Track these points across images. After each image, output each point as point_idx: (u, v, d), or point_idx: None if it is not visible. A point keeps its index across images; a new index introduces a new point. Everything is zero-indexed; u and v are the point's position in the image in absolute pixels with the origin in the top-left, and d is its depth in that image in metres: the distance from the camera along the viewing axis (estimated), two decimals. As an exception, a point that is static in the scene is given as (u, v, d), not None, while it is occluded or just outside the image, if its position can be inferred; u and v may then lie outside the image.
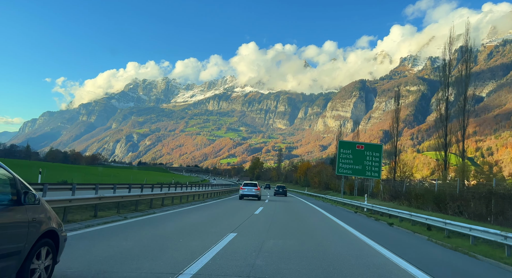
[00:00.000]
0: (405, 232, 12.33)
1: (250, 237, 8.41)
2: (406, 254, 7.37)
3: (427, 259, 7.39)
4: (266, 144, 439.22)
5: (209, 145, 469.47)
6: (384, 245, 8.31)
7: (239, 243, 7.52)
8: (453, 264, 7.22)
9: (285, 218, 14.71)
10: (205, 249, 6.52)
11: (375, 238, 9.62)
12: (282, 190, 39.26)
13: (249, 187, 27.52)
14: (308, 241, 8.58)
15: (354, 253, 7.13)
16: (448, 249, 8.94)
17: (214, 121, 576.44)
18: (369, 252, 7.35)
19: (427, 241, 10.36)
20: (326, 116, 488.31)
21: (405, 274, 5.55)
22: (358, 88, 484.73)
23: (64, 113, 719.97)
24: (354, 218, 16.64)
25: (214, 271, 4.91)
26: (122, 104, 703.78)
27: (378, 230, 12.26)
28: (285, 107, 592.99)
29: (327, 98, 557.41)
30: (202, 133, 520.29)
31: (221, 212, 16.07)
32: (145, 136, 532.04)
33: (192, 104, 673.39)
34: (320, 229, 11.56)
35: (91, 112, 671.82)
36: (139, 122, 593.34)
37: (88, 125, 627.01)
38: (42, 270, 3.86)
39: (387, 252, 7.39)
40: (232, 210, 17.10)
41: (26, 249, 3.65)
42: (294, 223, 13.01)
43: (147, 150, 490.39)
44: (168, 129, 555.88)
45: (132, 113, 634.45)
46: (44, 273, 3.90)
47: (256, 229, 10.12)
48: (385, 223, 14.99)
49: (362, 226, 13.00)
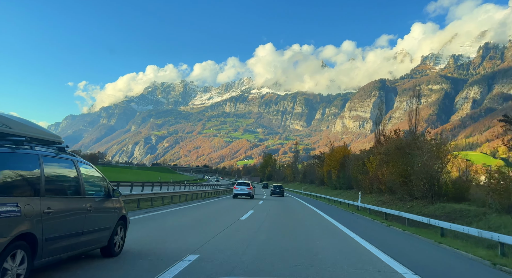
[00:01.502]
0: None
1: (216, 263, 5.60)
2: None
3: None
4: (283, 146, 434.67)
5: (226, 146, 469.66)
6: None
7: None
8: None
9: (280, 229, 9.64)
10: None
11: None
12: (279, 190, 39.41)
13: (242, 187, 29.10)
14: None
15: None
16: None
17: (231, 123, 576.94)
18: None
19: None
20: (344, 117, 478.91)
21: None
22: (377, 88, 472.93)
23: (85, 117, 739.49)
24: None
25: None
26: (141, 107, 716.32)
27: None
28: (302, 108, 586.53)
29: (345, 99, 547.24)
30: (219, 135, 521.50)
31: (196, 218, 13.00)
32: (163, 138, 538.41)
33: (210, 106, 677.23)
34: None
35: (111, 115, 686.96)
36: (157, 124, 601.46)
37: (108, 128, 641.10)
38: (119, 239, 6.05)
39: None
40: (213, 215, 13.79)
41: (113, 226, 5.81)
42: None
43: (165, 152, 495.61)
44: (186, 131, 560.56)
45: (151, 115, 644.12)
46: (120, 242, 6.12)
47: (230, 249, 6.86)
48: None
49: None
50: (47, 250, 4.22)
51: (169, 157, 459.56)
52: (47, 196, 4.33)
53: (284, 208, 21.14)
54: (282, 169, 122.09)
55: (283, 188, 40.85)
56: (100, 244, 5.56)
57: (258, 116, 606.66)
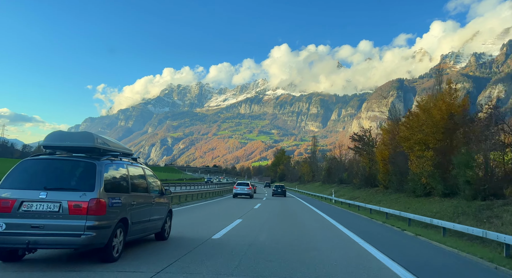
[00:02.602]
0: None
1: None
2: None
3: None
4: (298, 147, 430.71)
5: (241, 148, 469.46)
6: None
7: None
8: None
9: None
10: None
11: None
12: (281, 190, 38.53)
13: (241, 187, 30.55)
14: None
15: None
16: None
17: (246, 124, 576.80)
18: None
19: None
20: (361, 117, 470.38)
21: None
22: (395, 88, 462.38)
23: (104, 119, 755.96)
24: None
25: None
26: (158, 109, 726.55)
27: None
28: (318, 109, 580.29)
29: (362, 99, 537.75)
30: (234, 136, 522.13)
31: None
32: (179, 139, 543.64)
33: (225, 108, 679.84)
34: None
35: (129, 117, 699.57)
36: (173, 126, 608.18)
37: (126, 130, 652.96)
38: (167, 227, 8.09)
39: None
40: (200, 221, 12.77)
41: (164, 216, 7.79)
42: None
43: (181, 154, 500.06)
44: (201, 132, 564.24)
45: (167, 117, 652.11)
46: (168, 229, 8.18)
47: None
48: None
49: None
50: (132, 230, 6.17)
51: (184, 158, 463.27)
52: (132, 193, 6.28)
53: (288, 217, 15.64)
54: (298, 167, 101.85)
55: (284, 188, 40.56)
56: (156, 230, 7.54)
57: (273, 118, 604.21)
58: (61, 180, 5.41)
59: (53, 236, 4.98)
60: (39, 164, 5.56)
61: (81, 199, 5.14)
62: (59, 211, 5.07)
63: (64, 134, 6.00)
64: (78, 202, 5.11)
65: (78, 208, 5.09)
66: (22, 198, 5.09)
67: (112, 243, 5.48)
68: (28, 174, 5.42)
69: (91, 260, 5.56)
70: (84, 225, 5.05)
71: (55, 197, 5.11)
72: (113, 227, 5.46)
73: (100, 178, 5.40)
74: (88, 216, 5.10)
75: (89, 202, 5.13)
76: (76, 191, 5.21)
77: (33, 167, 5.51)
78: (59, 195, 5.13)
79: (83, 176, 5.44)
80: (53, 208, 5.07)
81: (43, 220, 5.03)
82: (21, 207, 5.06)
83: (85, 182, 5.35)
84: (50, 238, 4.98)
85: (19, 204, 5.06)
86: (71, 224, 5.04)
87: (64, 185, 5.33)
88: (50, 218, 5.04)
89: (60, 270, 5.01)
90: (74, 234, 5.01)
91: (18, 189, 5.18)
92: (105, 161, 5.79)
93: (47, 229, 4.99)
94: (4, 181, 5.28)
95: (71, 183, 5.39)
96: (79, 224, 5.04)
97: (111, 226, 5.41)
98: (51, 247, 5.18)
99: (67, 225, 5.03)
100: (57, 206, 5.08)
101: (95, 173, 5.40)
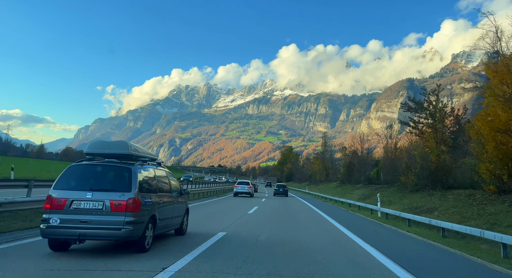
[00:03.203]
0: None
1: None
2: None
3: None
4: (307, 148, 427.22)
5: (249, 148, 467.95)
6: None
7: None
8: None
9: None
10: None
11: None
12: (283, 190, 37.60)
13: (242, 185, 31.79)
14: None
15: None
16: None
17: (254, 125, 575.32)
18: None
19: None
20: (370, 118, 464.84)
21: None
22: (405, 87, 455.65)
23: (113, 120, 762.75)
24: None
25: None
26: (166, 110, 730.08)
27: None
28: (326, 109, 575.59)
29: (371, 99, 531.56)
30: (241, 137, 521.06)
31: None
32: (187, 140, 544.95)
33: (233, 109, 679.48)
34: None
35: (138, 118, 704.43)
36: (181, 127, 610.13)
37: (134, 131, 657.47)
38: (185, 223, 9.02)
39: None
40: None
41: (183, 214, 8.76)
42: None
43: (189, 154, 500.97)
44: (209, 133, 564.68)
45: (175, 118, 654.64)
46: (186, 225, 9.10)
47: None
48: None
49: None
50: (159, 226, 7.15)
51: (192, 159, 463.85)
52: (159, 193, 7.27)
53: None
54: (308, 165, 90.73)
55: (286, 188, 39.37)
56: (176, 226, 8.53)
57: (281, 118, 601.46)
58: (103, 182, 6.44)
59: (98, 229, 6.01)
60: (84, 168, 6.59)
61: (121, 198, 6.14)
62: (102, 208, 6.08)
63: (103, 143, 7.07)
64: (118, 201, 6.12)
65: (118, 206, 6.10)
66: (72, 198, 6.12)
67: (145, 236, 6.48)
68: (75, 177, 6.43)
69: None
70: (123, 220, 6.06)
71: (99, 197, 6.13)
72: (146, 222, 6.47)
73: (135, 180, 6.38)
74: (127, 213, 6.10)
75: (127, 201, 6.12)
76: (116, 191, 6.20)
77: (79, 171, 6.54)
78: (102, 195, 6.15)
79: (121, 179, 6.43)
80: (97, 206, 6.09)
81: (90, 216, 6.05)
82: (71, 205, 6.10)
83: (123, 184, 6.33)
84: (96, 231, 6.01)
85: (70, 203, 6.10)
86: (113, 219, 6.05)
87: (106, 186, 6.34)
88: (95, 214, 6.06)
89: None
90: (115, 228, 6.03)
91: (68, 190, 6.20)
92: (138, 166, 6.77)
93: (93, 223, 6.01)
94: (56, 183, 6.31)
95: (111, 185, 6.39)
96: (119, 220, 6.05)
97: (144, 221, 6.41)
98: (96, 238, 6.19)
99: (109, 220, 6.04)
100: (101, 204, 6.10)
101: (131, 176, 6.40)
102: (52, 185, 6.32)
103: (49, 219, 6.03)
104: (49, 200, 6.15)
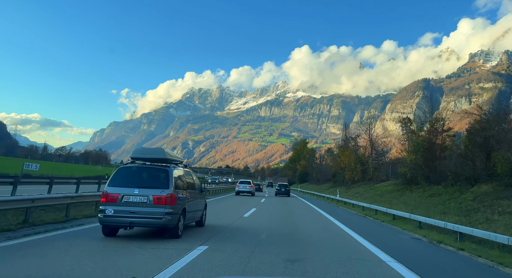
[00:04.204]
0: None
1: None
2: None
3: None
4: (320, 150, 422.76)
5: (261, 151, 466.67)
6: None
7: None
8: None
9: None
10: None
11: None
12: (285, 189, 36.46)
13: (243, 185, 33.45)
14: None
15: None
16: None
17: (266, 127, 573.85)
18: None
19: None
20: (385, 119, 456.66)
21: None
22: (421, 88, 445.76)
23: (128, 123, 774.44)
24: None
25: None
26: (179, 113, 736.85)
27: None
28: (339, 111, 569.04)
29: (386, 100, 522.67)
30: (254, 139, 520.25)
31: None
32: (199, 142, 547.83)
33: (245, 111, 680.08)
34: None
35: (152, 121, 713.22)
36: (194, 129, 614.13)
37: (148, 134, 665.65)
38: (204, 216, 10.47)
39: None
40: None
41: (203, 208, 10.31)
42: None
43: (202, 157, 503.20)
44: (222, 135, 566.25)
45: (188, 121, 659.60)
46: (205, 218, 10.57)
47: None
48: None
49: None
50: (187, 217, 8.67)
51: (205, 161, 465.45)
52: (187, 190, 8.81)
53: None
54: (330, 160, 68.97)
55: (288, 187, 37.65)
56: (197, 219, 10.03)
57: (293, 120, 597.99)
58: (147, 181, 7.98)
59: (144, 218, 7.49)
60: (131, 170, 8.17)
61: (161, 194, 7.57)
62: (147, 202, 7.53)
63: (145, 149, 8.86)
64: (159, 196, 7.54)
65: (159, 200, 7.52)
66: (123, 193, 7.57)
67: (178, 224, 7.96)
68: (125, 177, 7.93)
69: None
70: (163, 211, 7.50)
71: (144, 192, 7.57)
72: (179, 213, 7.97)
73: (172, 179, 7.84)
74: (166, 206, 7.53)
75: (166, 196, 7.56)
76: (157, 188, 7.65)
77: (127, 172, 8.09)
78: (147, 191, 7.59)
79: (161, 178, 7.92)
80: (143, 200, 7.54)
81: (137, 208, 7.50)
82: (122, 199, 7.55)
83: (163, 182, 7.79)
84: (142, 220, 7.50)
85: (121, 197, 7.55)
86: (155, 210, 7.50)
87: (149, 184, 7.83)
88: (141, 206, 7.50)
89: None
90: (157, 217, 7.49)
91: (120, 187, 7.66)
92: (172, 168, 8.24)
93: (140, 214, 7.47)
94: (110, 182, 7.79)
95: (153, 183, 7.85)
96: (160, 211, 7.50)
97: (178, 213, 7.90)
98: (142, 225, 7.77)
99: (152, 212, 7.50)
100: (145, 198, 7.54)
101: (169, 176, 7.88)
102: (106, 183, 7.84)
103: (105, 210, 7.51)
104: (105, 195, 7.63)
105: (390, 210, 17.64)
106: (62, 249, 6.47)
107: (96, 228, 8.66)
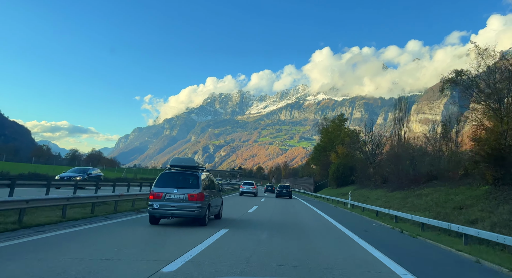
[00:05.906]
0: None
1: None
2: None
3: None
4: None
5: (282, 154, 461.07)
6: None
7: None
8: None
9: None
10: None
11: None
12: (286, 191, 35.77)
13: (247, 186, 35.16)
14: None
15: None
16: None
17: (287, 131, 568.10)
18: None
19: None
20: (410, 121, 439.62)
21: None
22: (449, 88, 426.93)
23: (151, 128, 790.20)
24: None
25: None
26: (200, 118, 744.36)
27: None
28: (362, 113, 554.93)
29: (411, 102, 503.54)
30: (274, 142, 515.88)
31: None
32: (220, 147, 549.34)
33: (265, 115, 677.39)
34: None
35: (174, 126, 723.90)
36: (215, 134, 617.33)
37: (170, 139, 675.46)
38: (221, 210, 13.78)
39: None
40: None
41: (220, 205, 13.61)
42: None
43: (222, 161, 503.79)
44: (242, 139, 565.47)
45: (209, 125, 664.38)
46: (221, 212, 13.80)
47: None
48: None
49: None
50: (210, 211, 11.56)
51: (226, 165, 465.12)
52: (210, 190, 11.65)
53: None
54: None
55: (290, 189, 36.46)
56: (216, 213, 12.90)
57: (314, 123, 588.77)
58: (183, 183, 10.79)
59: (181, 211, 10.39)
60: (171, 174, 11.05)
61: (194, 192, 10.48)
62: (183, 198, 10.42)
63: (180, 158, 11.94)
64: (192, 194, 10.44)
65: (193, 197, 10.41)
66: (166, 192, 10.46)
67: (206, 216, 10.86)
68: (166, 180, 10.78)
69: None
70: (196, 206, 10.40)
71: (181, 191, 10.48)
72: (206, 207, 10.81)
73: (200, 181, 10.74)
74: (197, 202, 10.42)
75: (197, 194, 10.47)
76: (190, 188, 10.57)
77: (168, 176, 10.94)
78: (183, 191, 10.51)
79: (193, 180, 10.81)
80: (180, 197, 10.42)
81: (176, 203, 10.39)
82: (165, 196, 10.41)
83: (194, 184, 10.70)
84: (180, 212, 10.40)
85: (164, 195, 10.42)
86: (190, 205, 10.40)
87: (185, 185, 10.69)
88: (179, 202, 10.39)
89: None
90: (191, 210, 10.40)
91: (163, 187, 10.55)
92: (200, 173, 11.17)
93: (178, 207, 10.37)
94: (155, 183, 10.68)
95: (188, 184, 10.70)
96: (193, 205, 10.40)
97: (205, 207, 10.77)
98: (180, 216, 10.66)
99: (187, 206, 10.39)
100: (182, 196, 10.43)
101: (198, 179, 10.80)
102: (153, 184, 10.76)
103: (153, 204, 10.32)
104: (152, 193, 10.46)
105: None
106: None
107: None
